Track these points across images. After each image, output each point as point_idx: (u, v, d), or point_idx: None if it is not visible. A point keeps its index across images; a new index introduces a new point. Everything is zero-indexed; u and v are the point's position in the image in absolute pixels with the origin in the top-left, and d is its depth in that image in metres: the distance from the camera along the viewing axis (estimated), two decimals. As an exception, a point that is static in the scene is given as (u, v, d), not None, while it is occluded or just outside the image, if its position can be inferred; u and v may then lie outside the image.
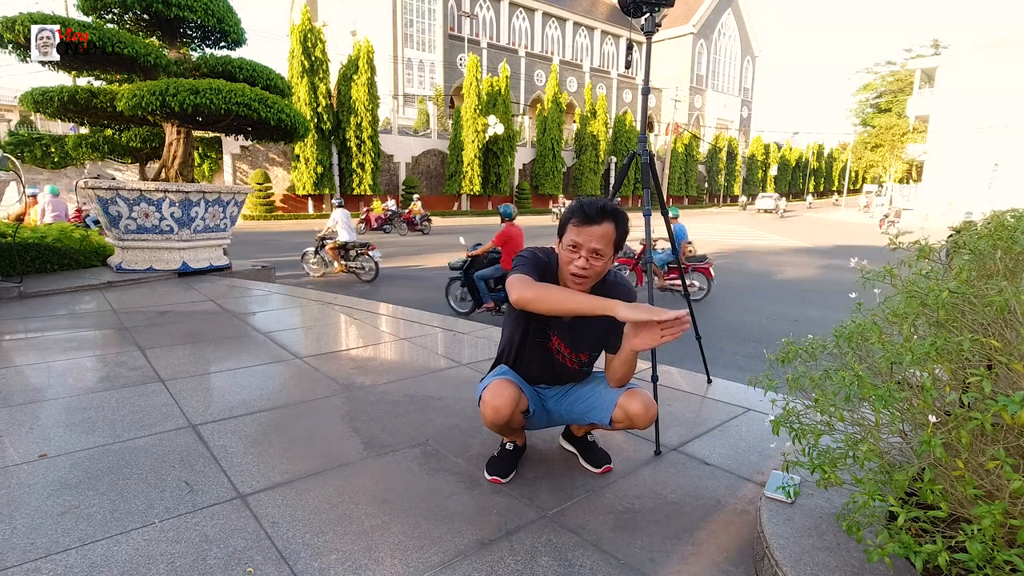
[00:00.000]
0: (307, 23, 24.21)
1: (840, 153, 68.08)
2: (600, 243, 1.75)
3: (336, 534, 1.71)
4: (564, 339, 1.95)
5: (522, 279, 1.74)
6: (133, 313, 4.85)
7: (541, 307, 1.70)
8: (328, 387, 3.06)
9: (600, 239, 1.75)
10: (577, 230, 1.76)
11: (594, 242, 1.74)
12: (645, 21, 2.63)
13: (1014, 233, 1.42)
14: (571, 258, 1.78)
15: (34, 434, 2.37)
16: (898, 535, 1.13)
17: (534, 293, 1.69)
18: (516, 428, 2.04)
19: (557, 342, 1.96)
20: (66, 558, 1.57)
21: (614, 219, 1.77)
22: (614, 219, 1.77)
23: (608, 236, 1.76)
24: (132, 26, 7.33)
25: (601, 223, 1.75)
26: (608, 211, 1.77)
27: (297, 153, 24.85)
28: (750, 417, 2.73)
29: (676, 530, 1.78)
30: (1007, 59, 24.64)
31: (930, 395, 1.24)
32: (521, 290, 1.70)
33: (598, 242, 1.75)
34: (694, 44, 56.09)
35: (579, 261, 1.76)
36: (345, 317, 4.94)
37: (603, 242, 1.75)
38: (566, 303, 1.66)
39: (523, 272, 1.79)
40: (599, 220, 1.75)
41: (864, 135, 53.71)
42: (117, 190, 6.44)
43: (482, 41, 42.40)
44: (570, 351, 1.97)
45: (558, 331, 1.95)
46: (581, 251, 1.76)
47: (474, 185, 30.52)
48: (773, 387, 1.62)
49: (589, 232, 1.75)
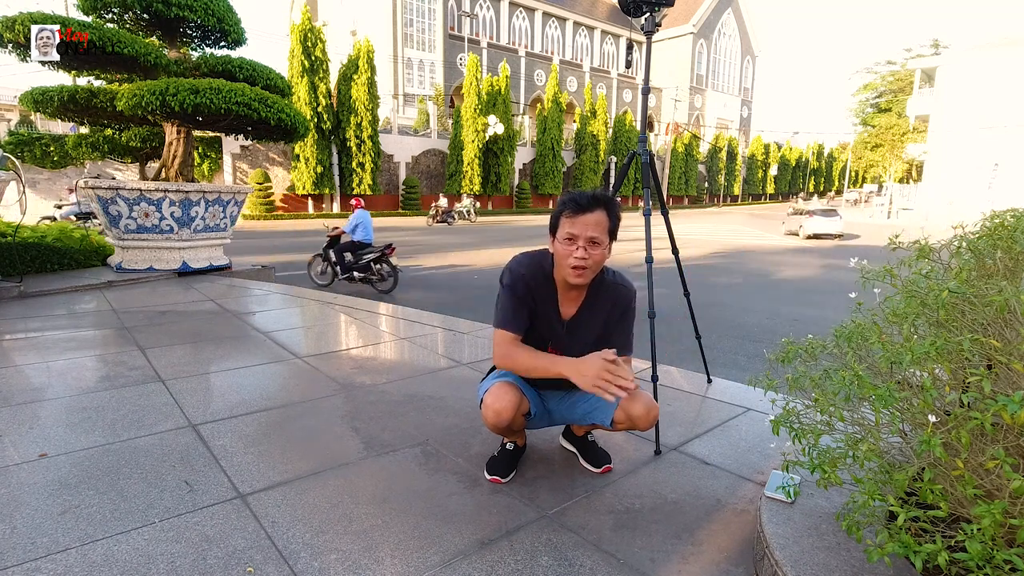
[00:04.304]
0: (307, 23, 24.21)
1: (840, 153, 68.10)
2: (596, 231, 1.75)
3: (336, 534, 1.71)
4: (560, 349, 1.94)
5: (498, 345, 1.86)
6: (133, 313, 4.85)
7: (513, 371, 1.87)
8: (328, 387, 3.06)
9: (595, 227, 1.75)
10: (571, 221, 1.76)
11: (590, 230, 1.74)
12: (645, 21, 2.63)
13: (1014, 233, 1.42)
14: (569, 251, 1.77)
15: (34, 434, 2.37)
16: (898, 535, 1.13)
17: (508, 364, 1.86)
18: (517, 430, 2.04)
19: (553, 351, 1.95)
20: (66, 558, 1.57)
21: (606, 207, 1.77)
22: (606, 207, 1.77)
23: (603, 224, 1.76)
24: (132, 26, 7.32)
25: (594, 211, 1.75)
26: (600, 199, 1.77)
27: (297, 153, 24.86)
28: (750, 417, 2.73)
29: (676, 530, 1.78)
30: (1007, 59, 24.62)
31: (930, 395, 1.24)
32: (498, 358, 1.88)
33: (594, 230, 1.75)
34: (694, 44, 56.08)
35: (578, 252, 1.75)
36: (345, 317, 4.94)
37: (599, 230, 1.75)
38: (532, 371, 1.81)
39: (502, 324, 1.86)
40: (592, 208, 1.75)
41: (864, 135, 53.67)
42: (117, 190, 6.44)
43: (482, 41, 42.39)
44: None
45: (553, 342, 1.94)
46: (578, 241, 1.75)
47: (474, 185, 30.51)
48: (773, 387, 1.62)
49: (584, 221, 1.75)
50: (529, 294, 1.87)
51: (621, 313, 1.94)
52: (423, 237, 17.87)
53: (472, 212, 26.15)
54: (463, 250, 13.99)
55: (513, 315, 1.86)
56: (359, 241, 8.09)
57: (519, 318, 1.86)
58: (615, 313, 1.93)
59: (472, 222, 25.62)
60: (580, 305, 1.92)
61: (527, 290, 1.87)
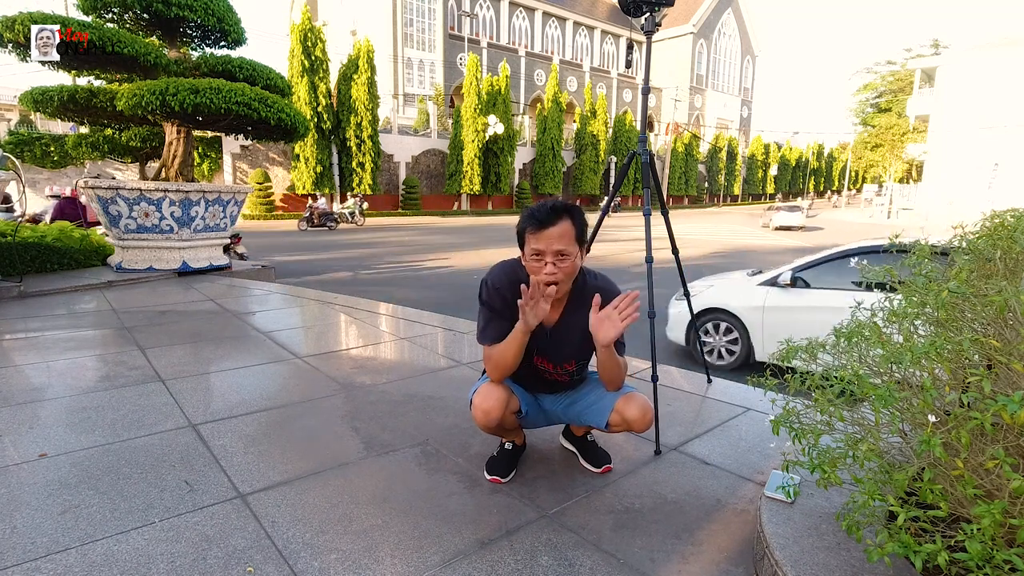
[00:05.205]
0: (307, 22, 24.22)
1: (840, 153, 68.07)
2: (561, 243, 1.71)
3: (336, 533, 1.71)
4: (544, 356, 1.94)
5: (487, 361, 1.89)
6: (133, 313, 4.85)
7: (504, 372, 1.88)
8: (328, 387, 3.06)
9: (560, 239, 1.71)
10: (535, 237, 1.72)
11: (555, 243, 1.70)
12: (645, 21, 2.63)
13: (1014, 233, 1.42)
14: (538, 267, 1.73)
15: (34, 434, 2.37)
16: (898, 535, 1.13)
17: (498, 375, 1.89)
18: (511, 428, 2.04)
19: (540, 360, 1.95)
20: (66, 557, 1.57)
21: (569, 215, 1.73)
22: (569, 215, 1.73)
23: (568, 234, 1.72)
24: (132, 26, 7.32)
25: (556, 223, 1.71)
26: (559, 209, 1.73)
27: (297, 153, 24.86)
28: (750, 417, 2.73)
29: (676, 530, 1.78)
30: (1007, 59, 24.60)
31: (930, 395, 1.24)
32: (490, 373, 1.90)
33: (559, 243, 1.71)
34: (694, 44, 56.08)
35: (547, 268, 1.72)
36: (345, 317, 4.94)
37: (564, 242, 1.71)
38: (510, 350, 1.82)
39: (483, 341, 1.88)
40: (553, 221, 1.71)
41: (864, 135, 53.61)
42: (117, 189, 6.44)
43: (482, 41, 42.39)
44: (553, 366, 1.95)
45: (539, 350, 1.93)
46: (546, 256, 1.72)
47: (474, 185, 30.53)
48: (773, 387, 1.62)
49: (547, 236, 1.70)
50: (507, 307, 1.84)
51: None
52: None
53: (358, 214, 22.79)
54: (463, 250, 13.99)
55: (493, 330, 1.86)
56: None
57: (499, 332, 1.85)
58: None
59: (359, 225, 22.38)
60: (562, 311, 1.90)
61: (504, 303, 1.85)
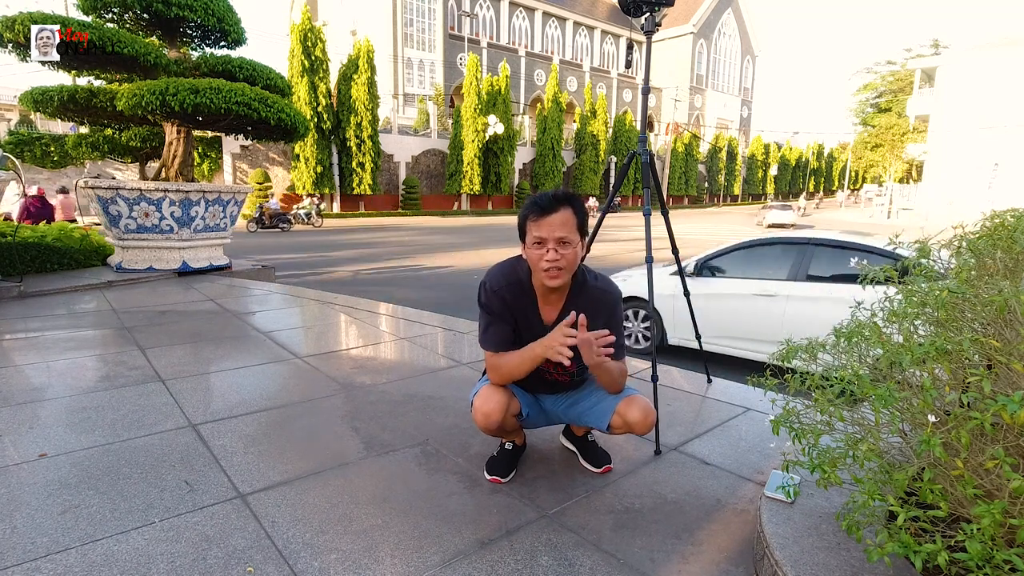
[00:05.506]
0: (307, 22, 24.22)
1: (840, 153, 68.07)
2: (563, 230, 1.72)
3: (336, 533, 1.71)
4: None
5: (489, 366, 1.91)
6: (133, 313, 4.85)
7: (511, 382, 1.91)
8: (328, 387, 3.06)
9: (562, 226, 1.72)
10: (537, 224, 1.74)
11: (557, 231, 1.72)
12: (645, 21, 2.63)
13: (1014, 233, 1.42)
14: (540, 254, 1.75)
15: (34, 434, 2.37)
16: (898, 535, 1.13)
17: (503, 378, 1.90)
18: (511, 430, 2.04)
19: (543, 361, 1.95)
20: (66, 557, 1.57)
21: (570, 204, 1.75)
22: (570, 204, 1.75)
23: (569, 222, 1.73)
24: (132, 26, 7.32)
25: (559, 210, 1.73)
26: (562, 198, 1.75)
27: (297, 153, 24.86)
28: (750, 417, 2.73)
29: (676, 530, 1.78)
30: (1007, 59, 24.59)
31: (930, 395, 1.24)
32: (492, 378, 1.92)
33: (561, 230, 1.72)
34: (694, 44, 56.10)
35: (548, 255, 1.73)
36: (345, 317, 4.94)
37: (566, 229, 1.73)
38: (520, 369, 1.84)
39: (484, 346, 1.90)
40: (556, 208, 1.73)
41: (864, 135, 53.62)
42: (117, 189, 6.43)
43: (482, 41, 42.40)
44: (554, 366, 1.95)
45: None
46: (548, 244, 1.73)
47: (474, 185, 30.53)
48: (773, 387, 1.62)
49: (550, 223, 1.72)
50: (506, 309, 1.85)
51: (607, 319, 1.88)
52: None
53: (315, 215, 21.46)
54: (463, 250, 13.99)
55: (494, 334, 1.87)
56: None
57: (500, 336, 1.86)
58: (599, 320, 1.85)
59: (316, 227, 21.08)
60: (561, 308, 1.89)
61: (503, 305, 1.85)
